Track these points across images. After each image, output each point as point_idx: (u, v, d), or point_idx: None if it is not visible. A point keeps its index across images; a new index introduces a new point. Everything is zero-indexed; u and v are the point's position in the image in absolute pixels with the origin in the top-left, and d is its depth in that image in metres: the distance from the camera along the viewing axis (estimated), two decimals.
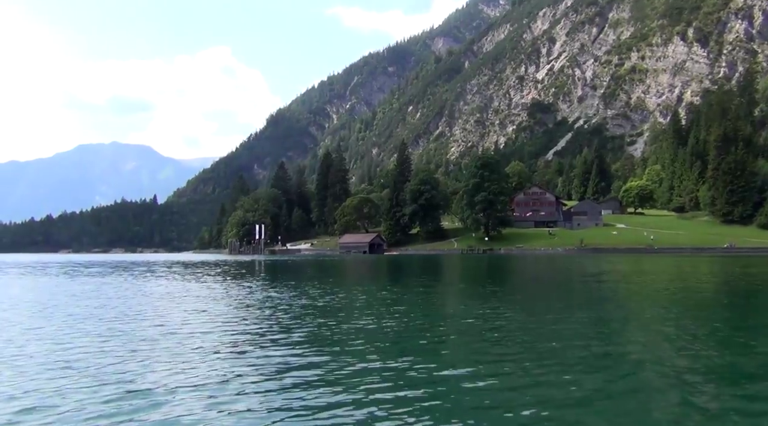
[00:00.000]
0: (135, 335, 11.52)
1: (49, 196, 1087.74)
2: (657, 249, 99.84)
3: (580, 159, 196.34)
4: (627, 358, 9.24)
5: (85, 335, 11.55)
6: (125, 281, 28.93)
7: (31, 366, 8.61)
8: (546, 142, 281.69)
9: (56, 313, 15.44)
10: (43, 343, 10.71)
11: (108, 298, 19.55)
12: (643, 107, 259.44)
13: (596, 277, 32.63)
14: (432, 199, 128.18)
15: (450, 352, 10.02)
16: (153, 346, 10.30)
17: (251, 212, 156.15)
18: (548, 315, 14.34)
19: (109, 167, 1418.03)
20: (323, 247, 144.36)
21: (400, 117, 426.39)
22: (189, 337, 11.19)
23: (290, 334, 11.37)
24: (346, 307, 16.89)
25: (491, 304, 16.88)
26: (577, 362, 8.77)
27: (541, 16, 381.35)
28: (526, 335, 11.30)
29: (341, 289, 24.05)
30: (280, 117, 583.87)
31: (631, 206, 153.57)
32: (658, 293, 21.78)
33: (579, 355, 9.34)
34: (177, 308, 16.47)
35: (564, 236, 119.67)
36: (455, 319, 14.24)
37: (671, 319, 14.05)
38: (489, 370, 8.19)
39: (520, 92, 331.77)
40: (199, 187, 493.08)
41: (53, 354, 9.57)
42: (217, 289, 23.29)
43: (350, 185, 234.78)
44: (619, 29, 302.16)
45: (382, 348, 10.10)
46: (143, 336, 11.40)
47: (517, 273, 40.31)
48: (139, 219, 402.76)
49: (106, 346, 10.30)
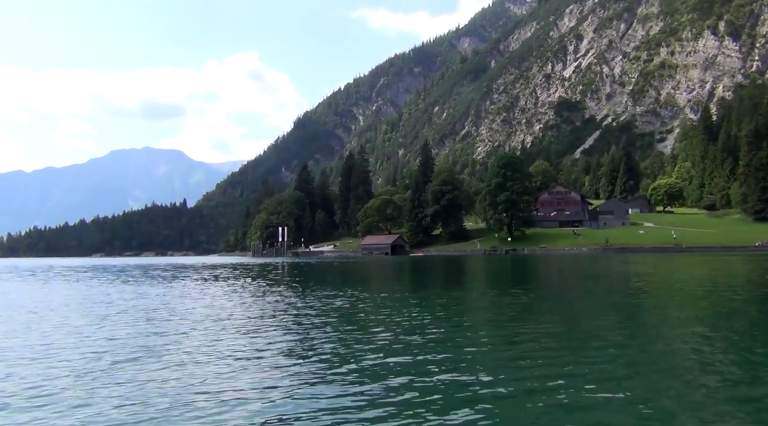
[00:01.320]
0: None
1: (84, 201, 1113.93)
2: (685, 248, 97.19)
3: (607, 157, 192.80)
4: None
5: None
6: (155, 287, 28.12)
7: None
8: (573, 140, 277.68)
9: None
10: (93, 345, 10.96)
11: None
12: (673, 103, 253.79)
13: (624, 281, 30.93)
14: (454, 200, 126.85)
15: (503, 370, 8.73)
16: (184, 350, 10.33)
17: (275, 215, 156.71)
18: (582, 333, 12.26)
19: (141, 172, 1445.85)
20: (346, 248, 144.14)
21: (426, 117, 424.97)
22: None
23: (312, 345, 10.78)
24: (371, 315, 15.53)
25: (522, 318, 14.79)
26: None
27: (568, 13, 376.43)
28: (564, 354, 9.68)
29: (365, 294, 22.50)
30: (306, 120, 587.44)
31: (660, 205, 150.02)
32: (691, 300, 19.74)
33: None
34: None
35: (589, 236, 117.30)
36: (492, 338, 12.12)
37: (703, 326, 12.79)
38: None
39: (546, 90, 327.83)
40: (227, 191, 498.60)
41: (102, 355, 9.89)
42: (238, 298, 21.86)
43: (376, 186, 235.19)
44: (648, 24, 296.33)
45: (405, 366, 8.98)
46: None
47: (541, 276, 39.05)
48: (169, 223, 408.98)
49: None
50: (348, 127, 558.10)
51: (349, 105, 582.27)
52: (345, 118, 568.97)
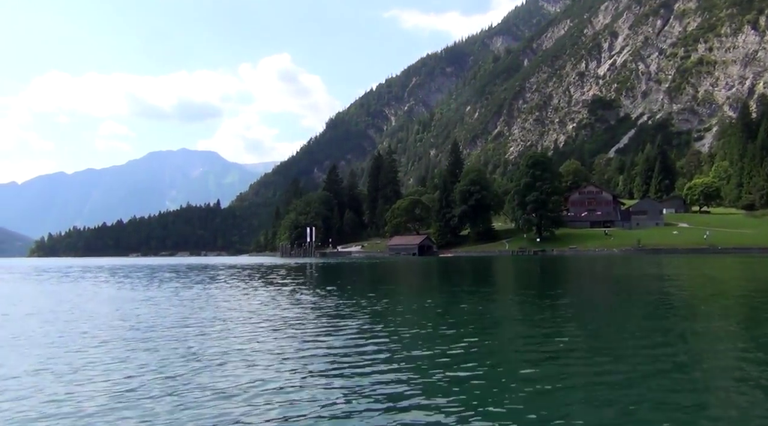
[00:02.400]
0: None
1: (122, 201, 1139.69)
2: (720, 249, 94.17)
3: (642, 156, 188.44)
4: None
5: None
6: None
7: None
8: (607, 139, 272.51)
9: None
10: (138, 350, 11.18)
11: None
12: (712, 101, 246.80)
13: (658, 284, 29.36)
14: (482, 200, 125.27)
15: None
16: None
17: (303, 215, 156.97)
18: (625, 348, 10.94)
19: (177, 173, 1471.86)
20: (374, 249, 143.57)
21: (457, 117, 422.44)
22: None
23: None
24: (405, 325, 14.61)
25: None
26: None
27: (603, 9, 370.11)
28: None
29: (393, 299, 21.74)
30: (339, 120, 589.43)
31: (696, 205, 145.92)
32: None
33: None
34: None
35: (621, 236, 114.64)
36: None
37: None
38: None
39: (580, 89, 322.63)
40: (260, 191, 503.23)
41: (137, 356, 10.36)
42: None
43: (408, 187, 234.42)
44: (685, 20, 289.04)
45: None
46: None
47: (566, 280, 37.77)
48: (203, 223, 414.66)
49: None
50: (380, 127, 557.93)
51: (381, 105, 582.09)
52: (377, 119, 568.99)
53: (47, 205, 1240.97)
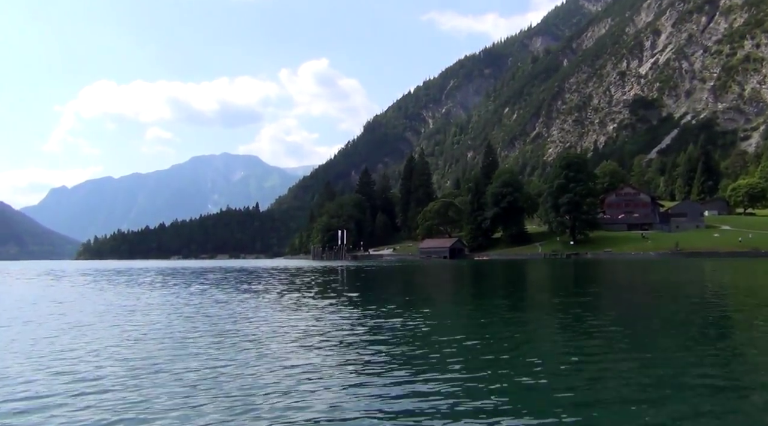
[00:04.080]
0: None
1: (167, 205, 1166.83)
2: (763, 252, 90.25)
3: (684, 156, 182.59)
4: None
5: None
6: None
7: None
8: (649, 140, 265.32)
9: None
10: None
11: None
12: (759, 99, 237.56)
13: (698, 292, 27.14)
14: (514, 202, 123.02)
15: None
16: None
17: (335, 218, 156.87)
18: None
19: (220, 177, 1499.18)
20: (405, 252, 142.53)
21: (495, 119, 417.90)
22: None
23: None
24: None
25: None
26: None
27: (645, 7, 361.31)
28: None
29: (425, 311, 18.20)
30: (376, 124, 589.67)
31: (740, 206, 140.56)
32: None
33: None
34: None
35: (659, 239, 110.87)
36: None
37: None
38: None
39: (621, 88, 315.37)
40: (298, 195, 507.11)
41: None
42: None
43: (444, 189, 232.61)
44: (731, 16, 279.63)
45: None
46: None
47: (592, 285, 35.86)
48: (242, 226, 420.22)
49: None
50: (417, 130, 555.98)
51: (418, 108, 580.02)
52: (414, 122, 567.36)
53: (95, 209, 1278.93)
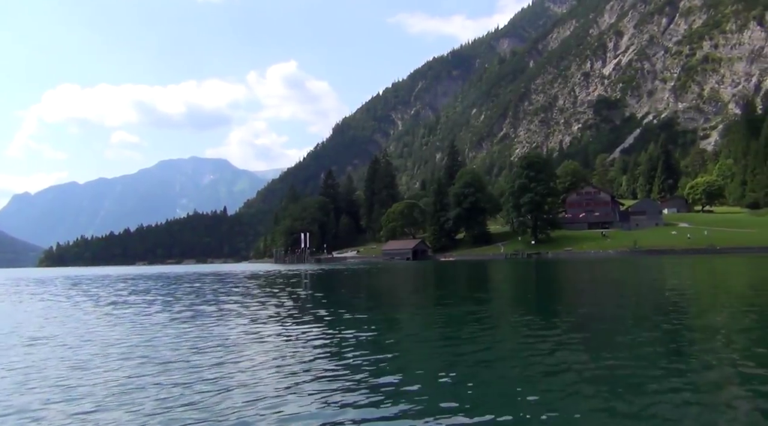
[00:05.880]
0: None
1: (134, 210, 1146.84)
2: (719, 249, 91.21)
3: (645, 155, 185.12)
4: None
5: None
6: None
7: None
8: (613, 139, 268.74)
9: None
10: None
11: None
12: (718, 99, 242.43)
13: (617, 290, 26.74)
14: (477, 203, 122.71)
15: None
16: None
17: (299, 221, 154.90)
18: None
19: (188, 181, 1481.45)
20: (369, 254, 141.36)
21: (463, 120, 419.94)
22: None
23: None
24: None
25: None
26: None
27: (608, 9, 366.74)
28: None
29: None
30: (345, 126, 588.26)
31: (698, 204, 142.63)
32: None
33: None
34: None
35: (619, 237, 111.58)
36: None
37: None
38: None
39: (585, 89, 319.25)
40: (267, 198, 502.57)
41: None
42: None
43: (413, 191, 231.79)
44: (690, 18, 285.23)
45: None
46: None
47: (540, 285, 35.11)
48: (210, 230, 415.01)
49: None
50: (386, 132, 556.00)
51: (387, 110, 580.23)
52: (384, 123, 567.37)
53: (60, 215, 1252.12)
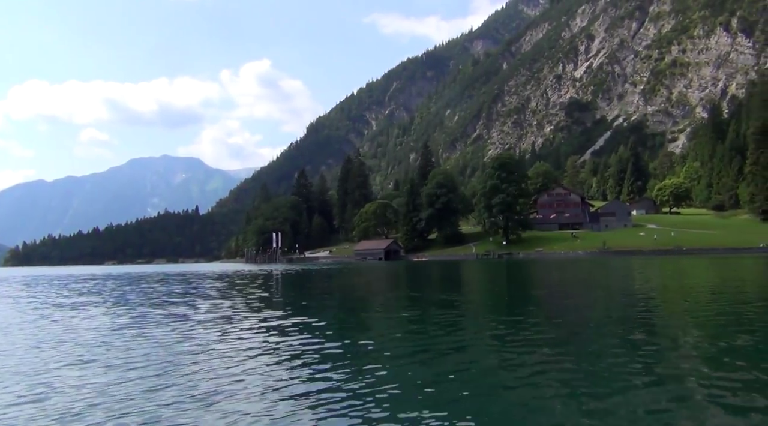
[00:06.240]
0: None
1: (104, 209, 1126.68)
2: (685, 250, 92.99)
3: (615, 157, 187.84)
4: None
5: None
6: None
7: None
8: (584, 141, 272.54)
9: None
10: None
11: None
12: (685, 102, 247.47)
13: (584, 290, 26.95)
14: (449, 203, 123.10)
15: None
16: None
17: (270, 220, 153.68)
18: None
19: (160, 180, 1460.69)
20: (342, 254, 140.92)
21: (437, 121, 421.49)
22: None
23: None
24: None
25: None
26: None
27: (580, 13, 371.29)
28: None
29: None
30: (319, 125, 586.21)
31: (666, 206, 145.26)
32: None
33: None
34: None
35: (588, 238, 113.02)
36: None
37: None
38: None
39: (557, 91, 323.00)
40: (240, 197, 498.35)
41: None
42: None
43: (385, 190, 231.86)
44: (660, 22, 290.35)
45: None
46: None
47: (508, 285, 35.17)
48: (181, 230, 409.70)
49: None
50: (361, 132, 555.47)
51: (362, 110, 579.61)
52: (358, 123, 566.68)
53: (28, 214, 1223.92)
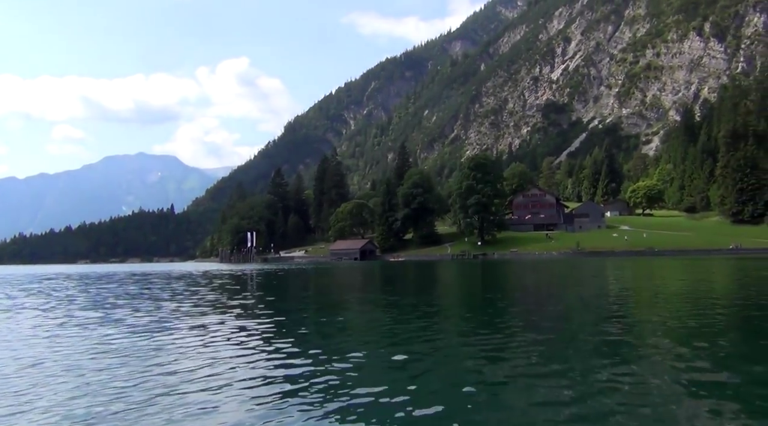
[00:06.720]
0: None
1: (77, 208, 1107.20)
2: (657, 251, 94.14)
3: (589, 159, 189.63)
4: None
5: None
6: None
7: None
8: (560, 143, 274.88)
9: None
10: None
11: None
12: (659, 105, 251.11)
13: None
14: (425, 203, 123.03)
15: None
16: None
17: (246, 219, 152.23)
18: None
19: (135, 178, 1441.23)
20: (318, 254, 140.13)
21: (415, 121, 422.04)
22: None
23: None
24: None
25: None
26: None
27: (557, 15, 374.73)
28: None
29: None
30: (297, 124, 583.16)
31: (639, 207, 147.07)
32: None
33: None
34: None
35: (563, 239, 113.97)
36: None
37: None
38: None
39: (534, 93, 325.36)
40: (216, 196, 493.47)
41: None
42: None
43: (363, 190, 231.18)
44: (635, 26, 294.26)
45: None
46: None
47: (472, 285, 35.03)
48: (156, 229, 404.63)
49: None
50: (339, 131, 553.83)
51: (340, 109, 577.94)
52: (336, 123, 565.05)
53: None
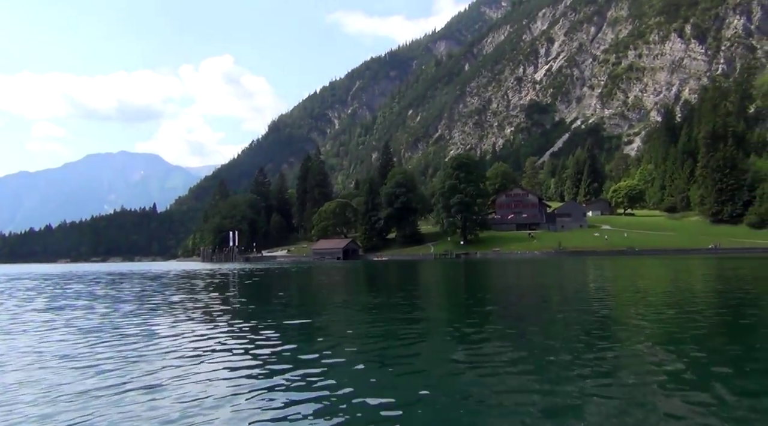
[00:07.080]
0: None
1: (58, 206, 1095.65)
2: (638, 251, 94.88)
3: (572, 159, 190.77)
4: None
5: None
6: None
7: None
8: (543, 143, 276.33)
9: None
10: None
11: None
12: (641, 106, 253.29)
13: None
14: (408, 203, 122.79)
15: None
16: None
17: (228, 219, 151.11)
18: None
19: (117, 176, 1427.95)
20: (300, 253, 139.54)
21: (399, 121, 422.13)
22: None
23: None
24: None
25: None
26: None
27: (541, 16, 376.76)
28: None
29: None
30: (282, 123, 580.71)
31: (621, 207, 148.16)
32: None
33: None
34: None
35: (545, 238, 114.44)
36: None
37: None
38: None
39: (518, 93, 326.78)
40: (199, 195, 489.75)
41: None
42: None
43: (347, 189, 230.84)
44: (617, 27, 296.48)
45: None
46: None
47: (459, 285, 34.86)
48: (138, 228, 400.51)
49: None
50: (323, 130, 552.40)
51: (324, 108, 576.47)
52: (320, 122, 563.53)
53: None
